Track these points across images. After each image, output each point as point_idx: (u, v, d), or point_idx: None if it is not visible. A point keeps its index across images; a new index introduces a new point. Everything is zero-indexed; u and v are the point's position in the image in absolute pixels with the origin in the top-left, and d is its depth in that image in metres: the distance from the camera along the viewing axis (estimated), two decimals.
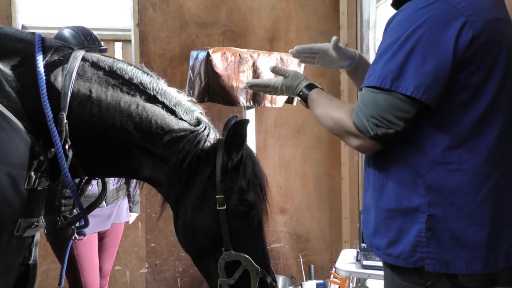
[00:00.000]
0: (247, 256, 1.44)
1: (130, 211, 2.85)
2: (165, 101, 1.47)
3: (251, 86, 1.63)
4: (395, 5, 1.40)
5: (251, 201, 1.46)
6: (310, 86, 1.49)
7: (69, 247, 1.62)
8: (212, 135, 1.50)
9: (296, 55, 1.67)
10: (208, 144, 1.47)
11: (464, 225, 1.22)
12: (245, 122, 1.44)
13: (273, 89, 1.57)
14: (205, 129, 1.48)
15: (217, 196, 1.43)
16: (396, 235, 1.28)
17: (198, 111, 1.54)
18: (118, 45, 4.09)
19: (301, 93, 1.49)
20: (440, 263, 1.23)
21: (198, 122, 1.49)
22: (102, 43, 2.70)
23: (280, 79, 1.56)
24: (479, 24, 1.19)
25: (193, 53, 2.91)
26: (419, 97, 1.18)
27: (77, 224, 1.56)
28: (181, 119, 1.48)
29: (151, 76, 1.50)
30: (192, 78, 2.85)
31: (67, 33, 2.56)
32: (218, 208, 1.43)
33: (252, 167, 1.48)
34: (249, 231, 1.48)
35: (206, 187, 1.45)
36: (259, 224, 1.50)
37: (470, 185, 1.21)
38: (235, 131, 1.43)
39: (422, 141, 1.25)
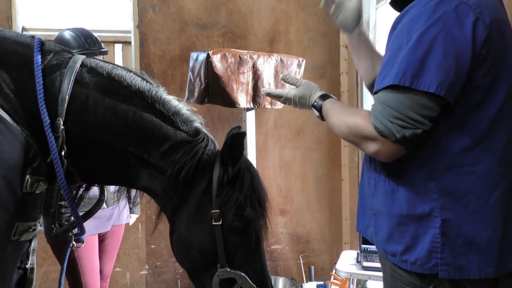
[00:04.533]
0: (243, 274, 1.39)
1: (130, 213, 2.85)
2: (162, 110, 1.42)
3: (267, 94, 1.61)
4: (396, 4, 1.38)
5: (248, 217, 1.41)
6: (324, 97, 1.43)
7: (68, 254, 1.60)
8: (210, 147, 1.45)
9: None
10: (205, 156, 1.42)
11: (478, 229, 1.20)
12: (241, 135, 1.40)
13: (287, 100, 1.53)
14: (202, 140, 1.43)
15: (212, 211, 1.39)
16: (411, 241, 1.25)
17: (197, 121, 1.49)
18: (118, 47, 4.09)
19: (315, 104, 1.43)
20: (454, 269, 1.21)
21: (197, 133, 1.45)
22: (102, 45, 2.69)
23: (292, 89, 1.50)
24: (488, 22, 1.17)
25: (193, 55, 2.91)
26: (442, 95, 1.14)
27: (74, 231, 1.54)
28: (179, 129, 1.43)
29: (150, 83, 1.47)
30: (192, 80, 2.85)
31: (67, 35, 2.54)
32: (213, 223, 1.38)
33: (250, 181, 1.43)
34: (246, 247, 1.43)
35: (202, 200, 1.41)
36: (257, 241, 1.44)
37: (483, 187, 1.19)
38: (231, 144, 1.39)
39: (435, 144, 1.21)
